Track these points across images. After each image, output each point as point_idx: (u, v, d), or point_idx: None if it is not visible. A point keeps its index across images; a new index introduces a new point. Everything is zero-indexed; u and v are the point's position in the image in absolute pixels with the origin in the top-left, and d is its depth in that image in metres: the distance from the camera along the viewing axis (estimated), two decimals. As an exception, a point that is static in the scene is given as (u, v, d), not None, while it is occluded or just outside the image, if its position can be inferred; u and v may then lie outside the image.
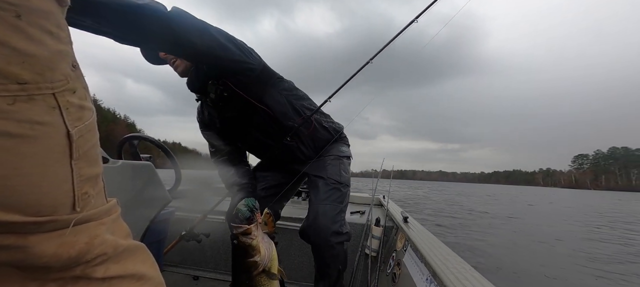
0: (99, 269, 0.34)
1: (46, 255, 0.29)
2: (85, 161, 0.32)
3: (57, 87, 0.28)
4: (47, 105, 0.27)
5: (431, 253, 1.02)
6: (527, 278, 3.03)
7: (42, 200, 0.29)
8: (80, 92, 0.32)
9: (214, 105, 1.12)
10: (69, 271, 0.32)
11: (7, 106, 0.24)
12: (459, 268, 0.89)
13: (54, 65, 0.28)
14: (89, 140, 0.33)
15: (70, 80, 0.30)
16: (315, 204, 1.10)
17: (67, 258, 0.30)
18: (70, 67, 0.30)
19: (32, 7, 0.25)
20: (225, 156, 1.21)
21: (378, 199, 2.40)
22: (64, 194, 0.30)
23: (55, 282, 0.31)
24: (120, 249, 0.37)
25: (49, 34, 0.27)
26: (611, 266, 3.81)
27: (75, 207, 0.32)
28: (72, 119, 0.30)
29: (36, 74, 0.26)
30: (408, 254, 1.21)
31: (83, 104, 0.32)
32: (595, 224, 7.82)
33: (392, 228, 1.64)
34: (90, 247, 0.33)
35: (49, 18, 0.27)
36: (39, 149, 0.27)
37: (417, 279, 1.03)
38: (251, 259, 0.87)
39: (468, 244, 4.59)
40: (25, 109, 0.25)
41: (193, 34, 0.86)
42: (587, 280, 3.29)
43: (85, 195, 0.33)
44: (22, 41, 0.25)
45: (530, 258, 3.81)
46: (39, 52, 0.26)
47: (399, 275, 1.21)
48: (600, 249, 4.69)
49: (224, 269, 1.68)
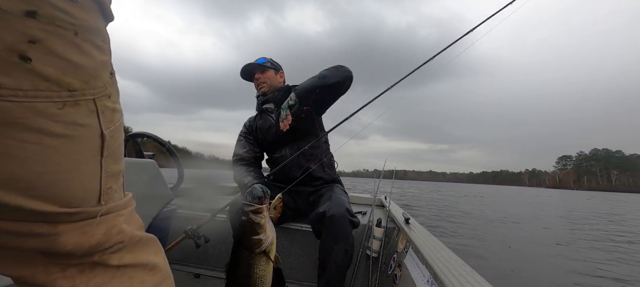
0: (115, 256, 0.37)
1: (70, 243, 0.32)
2: (112, 158, 0.35)
3: (97, 93, 0.31)
4: (88, 109, 0.31)
5: (432, 255, 1.02)
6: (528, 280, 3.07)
7: (74, 193, 0.32)
8: (114, 97, 0.35)
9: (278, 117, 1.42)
10: (88, 258, 0.35)
11: (57, 110, 0.28)
12: (461, 270, 0.89)
13: (98, 74, 0.31)
14: (117, 139, 0.37)
15: (107, 86, 0.33)
16: (331, 195, 1.33)
17: (88, 247, 0.34)
18: (109, 74, 0.34)
19: (86, 26, 0.29)
20: (248, 159, 1.50)
21: (379, 200, 2.39)
22: (92, 189, 0.34)
23: (75, 267, 0.34)
24: (135, 239, 0.40)
25: (96, 47, 0.31)
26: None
27: (100, 201, 0.35)
28: (105, 121, 0.33)
29: (83, 82, 0.29)
30: (409, 256, 1.21)
31: (115, 107, 0.35)
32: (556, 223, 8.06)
33: (394, 229, 1.64)
34: (108, 237, 0.36)
35: (98, 34, 0.31)
36: (78, 148, 0.30)
37: (418, 280, 1.03)
38: (256, 236, 0.92)
39: (468, 243, 4.65)
40: (72, 113, 0.29)
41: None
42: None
43: (109, 190, 0.36)
44: (76, 55, 0.28)
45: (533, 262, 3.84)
46: (87, 63, 0.30)
47: (399, 276, 1.22)
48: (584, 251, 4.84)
49: (214, 267, 1.68)
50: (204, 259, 1.70)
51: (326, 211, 1.21)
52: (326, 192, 1.38)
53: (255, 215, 0.92)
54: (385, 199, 2.33)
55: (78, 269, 0.34)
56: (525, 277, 3.21)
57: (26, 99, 0.25)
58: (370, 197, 2.21)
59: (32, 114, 0.26)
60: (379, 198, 2.35)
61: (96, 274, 0.36)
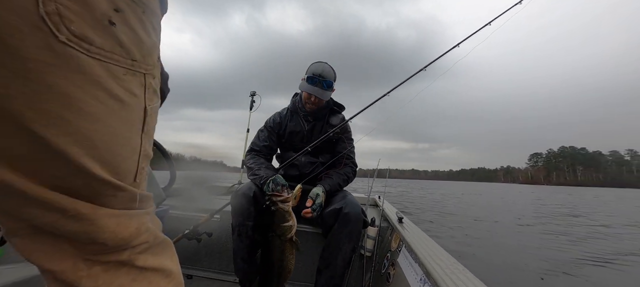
0: (141, 257, 0.38)
1: (107, 231, 0.33)
2: (148, 138, 0.37)
3: (147, 70, 0.35)
4: (139, 81, 0.33)
5: (425, 253, 1.04)
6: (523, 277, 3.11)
7: (121, 162, 0.33)
8: (157, 80, 0.38)
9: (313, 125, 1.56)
10: (118, 254, 0.35)
11: (122, 75, 0.31)
12: (453, 269, 0.90)
13: (151, 53, 0.35)
14: (153, 121, 0.38)
15: (155, 67, 0.37)
16: (345, 195, 1.37)
17: (121, 238, 0.34)
18: (157, 57, 0.37)
19: (151, 7, 0.33)
20: (265, 152, 1.54)
21: (373, 199, 2.43)
22: (132, 162, 0.35)
23: (100, 266, 0.34)
24: (158, 241, 0.40)
25: (153, 29, 0.35)
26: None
27: (136, 179, 0.36)
28: (149, 98, 0.36)
29: (141, 56, 0.33)
30: (402, 254, 1.23)
31: (156, 89, 0.38)
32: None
33: (387, 228, 1.66)
34: (138, 233, 0.37)
35: (156, 18, 0.35)
36: (129, 116, 0.33)
37: (411, 279, 1.04)
38: (286, 223, 1.02)
39: (462, 243, 4.72)
40: (130, 80, 0.32)
41: None
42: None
43: (142, 170, 0.37)
44: (141, 31, 0.32)
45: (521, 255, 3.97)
46: (146, 40, 0.33)
47: (393, 275, 1.23)
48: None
49: (217, 268, 1.65)
50: (197, 261, 1.67)
51: (343, 207, 1.24)
52: (338, 193, 1.42)
53: (284, 204, 1.01)
54: (378, 199, 2.36)
55: (103, 267, 0.34)
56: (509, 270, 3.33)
57: (104, 59, 0.28)
58: (364, 197, 2.23)
59: (106, 74, 0.29)
60: (372, 197, 2.38)
61: (120, 275, 0.35)
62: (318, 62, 1.48)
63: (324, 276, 1.21)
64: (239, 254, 1.27)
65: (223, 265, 1.65)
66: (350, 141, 1.55)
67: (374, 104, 1.57)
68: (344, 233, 1.21)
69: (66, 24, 0.25)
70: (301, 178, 1.50)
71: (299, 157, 1.49)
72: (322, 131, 1.53)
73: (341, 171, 1.49)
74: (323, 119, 1.56)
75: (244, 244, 1.25)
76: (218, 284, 1.58)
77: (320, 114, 1.55)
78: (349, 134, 1.58)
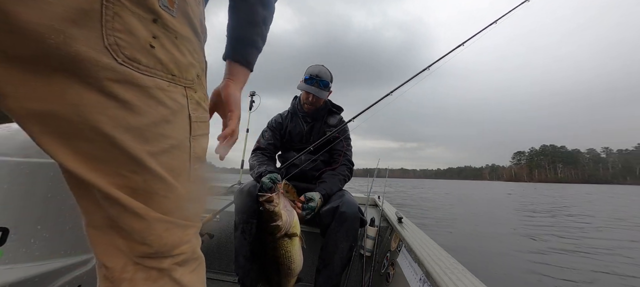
0: (179, 270, 0.41)
1: (155, 234, 0.38)
2: (198, 143, 0.43)
3: (187, 84, 0.41)
4: (180, 93, 0.40)
5: (425, 253, 1.03)
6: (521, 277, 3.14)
7: (173, 161, 0.39)
8: (200, 94, 0.44)
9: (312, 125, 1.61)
10: (161, 261, 0.39)
11: (167, 86, 0.37)
12: (452, 269, 0.90)
13: (188, 70, 0.41)
14: (202, 130, 0.44)
15: (194, 83, 0.42)
16: (343, 194, 1.40)
17: (164, 243, 0.39)
18: (196, 75, 0.43)
19: (183, 34, 0.39)
20: (268, 152, 1.57)
21: (373, 199, 2.43)
22: (185, 162, 0.41)
23: (144, 273, 0.38)
24: (195, 256, 0.44)
25: (188, 51, 0.41)
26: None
27: (189, 177, 0.41)
28: (191, 107, 0.41)
29: (179, 71, 0.39)
30: (402, 254, 1.24)
31: (200, 102, 0.44)
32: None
33: (387, 228, 1.67)
34: (181, 242, 0.41)
35: (190, 43, 0.41)
36: (177, 120, 0.39)
37: (411, 279, 1.04)
38: (274, 223, 1.03)
39: (461, 243, 4.74)
40: (173, 91, 0.38)
41: None
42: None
43: (194, 170, 0.42)
44: (176, 52, 0.38)
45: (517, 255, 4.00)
46: (182, 60, 0.39)
47: (392, 275, 1.24)
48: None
49: (217, 268, 1.64)
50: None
51: (340, 206, 1.26)
52: (337, 192, 1.45)
53: (269, 204, 1.04)
54: (378, 199, 2.36)
55: (145, 275, 0.38)
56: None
57: (151, 74, 0.35)
58: (363, 197, 2.23)
59: (154, 85, 0.36)
60: (372, 197, 2.39)
61: (157, 286, 0.39)
62: (315, 64, 1.56)
63: (322, 275, 1.22)
64: (241, 252, 1.27)
65: (223, 265, 1.64)
66: (347, 140, 1.60)
67: (373, 105, 1.61)
68: (341, 232, 1.22)
69: (122, 50, 0.33)
70: (302, 176, 1.54)
71: (299, 156, 1.52)
72: (321, 131, 1.59)
73: (337, 171, 1.51)
74: (321, 119, 1.61)
75: (247, 242, 1.26)
76: (217, 284, 1.57)
77: (319, 115, 1.61)
78: (347, 134, 1.62)
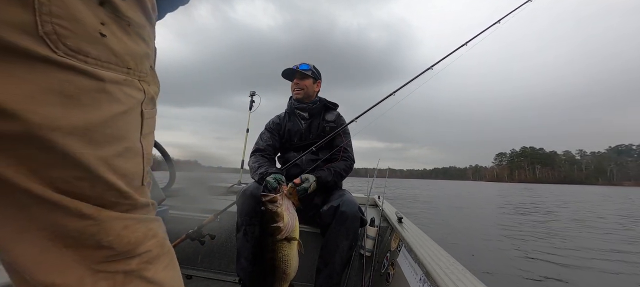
0: (151, 268, 0.37)
1: (112, 233, 0.33)
2: (147, 142, 0.39)
3: (142, 77, 0.37)
4: (136, 87, 0.36)
5: (425, 253, 1.02)
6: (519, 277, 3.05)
7: (126, 165, 0.35)
8: (154, 88, 0.41)
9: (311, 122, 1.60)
10: (126, 262, 0.35)
11: (122, 80, 0.34)
12: (452, 269, 0.89)
13: (142, 61, 0.37)
14: (150, 128, 0.40)
15: (148, 75, 0.39)
16: (343, 193, 1.39)
17: (127, 242, 0.34)
18: (149, 67, 0.40)
19: (135, 21, 0.35)
20: (268, 153, 1.56)
21: (373, 199, 2.43)
22: (138, 164, 0.37)
23: (107, 280, 0.33)
24: (165, 250, 0.40)
25: (142, 40, 0.37)
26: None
27: (143, 182, 0.38)
28: (145, 103, 0.38)
29: (134, 63, 0.35)
30: (402, 254, 1.23)
31: (152, 96, 0.40)
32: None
33: (387, 228, 1.67)
34: (145, 238, 0.37)
35: (144, 29, 0.37)
36: (130, 118, 0.35)
37: (411, 279, 1.04)
38: (275, 224, 1.01)
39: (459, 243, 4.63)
40: (129, 84, 0.35)
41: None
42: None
43: (147, 173, 0.39)
44: (129, 41, 0.35)
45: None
46: (136, 50, 0.36)
47: (392, 275, 1.24)
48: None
49: (217, 268, 1.63)
50: (196, 261, 1.65)
51: (340, 205, 1.26)
52: (336, 191, 1.45)
53: (272, 204, 1.01)
54: (378, 199, 2.36)
55: (108, 283, 0.33)
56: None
57: (103, 69, 0.31)
58: (363, 197, 2.23)
59: (108, 80, 0.32)
60: (372, 197, 2.39)
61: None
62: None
63: (323, 274, 1.22)
64: (243, 254, 1.26)
65: (223, 265, 1.63)
66: (346, 135, 1.59)
67: (373, 106, 1.60)
68: (341, 231, 1.23)
69: (62, 40, 0.28)
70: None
71: (301, 157, 1.51)
72: (319, 128, 1.58)
73: (334, 164, 1.51)
74: (319, 116, 1.60)
75: (250, 244, 1.25)
76: (217, 284, 1.56)
77: (316, 112, 1.59)
78: (345, 128, 1.62)
